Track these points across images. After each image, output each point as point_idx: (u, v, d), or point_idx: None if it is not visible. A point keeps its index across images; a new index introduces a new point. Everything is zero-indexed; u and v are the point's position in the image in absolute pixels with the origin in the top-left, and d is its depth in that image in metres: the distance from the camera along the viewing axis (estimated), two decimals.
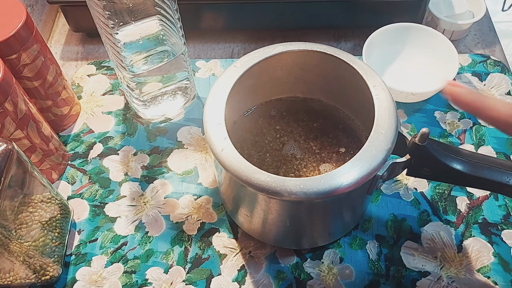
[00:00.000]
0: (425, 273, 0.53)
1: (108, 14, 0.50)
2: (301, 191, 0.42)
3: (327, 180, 0.42)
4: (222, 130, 0.45)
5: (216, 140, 0.45)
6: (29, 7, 0.72)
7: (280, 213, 0.47)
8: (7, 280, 0.51)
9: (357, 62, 0.49)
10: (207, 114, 0.47)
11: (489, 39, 0.73)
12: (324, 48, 0.51)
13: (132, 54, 0.57)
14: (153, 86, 0.61)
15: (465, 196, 0.57)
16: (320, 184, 0.42)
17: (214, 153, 0.45)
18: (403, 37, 0.66)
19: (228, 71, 0.50)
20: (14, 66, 0.54)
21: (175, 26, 0.56)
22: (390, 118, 0.45)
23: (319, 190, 0.42)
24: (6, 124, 0.50)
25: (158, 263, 0.54)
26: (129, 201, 0.59)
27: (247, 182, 0.43)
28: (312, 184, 0.42)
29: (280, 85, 0.56)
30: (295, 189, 0.42)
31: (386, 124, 0.45)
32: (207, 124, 0.46)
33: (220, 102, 0.47)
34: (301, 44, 0.51)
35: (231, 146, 0.44)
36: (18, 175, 0.47)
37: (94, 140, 0.64)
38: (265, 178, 0.42)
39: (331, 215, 0.51)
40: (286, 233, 0.52)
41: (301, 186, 0.42)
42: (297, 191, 0.42)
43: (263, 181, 0.42)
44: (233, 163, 0.43)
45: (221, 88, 0.48)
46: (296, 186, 0.42)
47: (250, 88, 0.53)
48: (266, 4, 0.69)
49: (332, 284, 0.52)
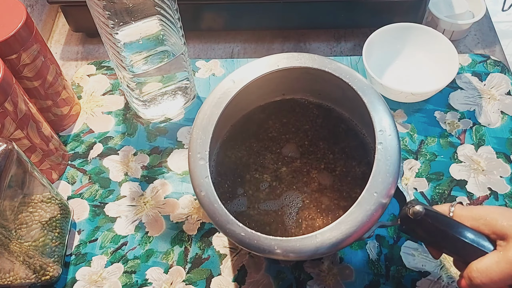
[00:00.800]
0: (425, 273, 0.53)
1: (108, 14, 0.50)
2: (276, 251, 0.40)
3: (306, 242, 0.40)
4: (204, 167, 0.43)
5: (197, 178, 0.43)
6: (29, 7, 0.72)
7: None
8: (7, 280, 0.51)
9: (364, 90, 0.45)
10: (192, 148, 0.44)
11: (489, 39, 0.73)
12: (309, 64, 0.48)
13: (132, 54, 0.57)
14: (153, 86, 0.61)
15: (465, 196, 0.57)
16: (298, 246, 0.40)
17: (196, 193, 0.43)
18: (403, 37, 0.66)
19: (210, 100, 0.47)
20: (14, 66, 0.54)
21: (175, 26, 0.56)
22: (388, 175, 0.41)
23: (297, 250, 0.40)
24: (6, 124, 0.50)
25: (158, 263, 0.54)
26: (129, 201, 0.59)
27: (223, 231, 0.41)
28: (288, 245, 0.40)
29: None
30: (269, 249, 0.40)
31: (381, 184, 0.40)
32: (191, 160, 0.44)
33: (206, 136, 0.45)
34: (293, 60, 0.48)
35: (211, 189, 0.42)
36: (18, 175, 0.47)
37: (94, 140, 0.64)
38: (240, 231, 0.40)
39: None
40: None
41: (276, 246, 0.40)
42: (271, 250, 0.40)
43: (238, 235, 0.40)
44: (210, 208, 0.42)
45: (205, 121, 0.46)
46: (271, 246, 0.40)
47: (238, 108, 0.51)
48: (266, 4, 0.69)
49: (332, 284, 0.52)
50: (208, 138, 0.45)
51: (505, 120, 0.63)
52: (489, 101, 0.65)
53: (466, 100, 0.65)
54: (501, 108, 0.64)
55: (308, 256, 0.40)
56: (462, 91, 0.66)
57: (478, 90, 0.66)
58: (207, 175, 0.43)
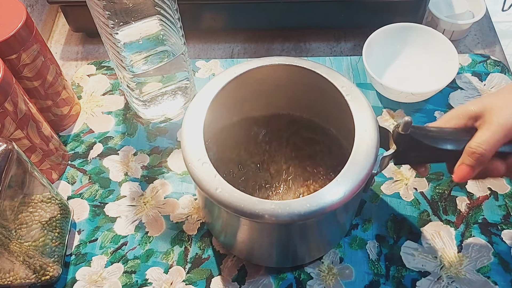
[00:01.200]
0: (425, 273, 0.53)
1: (108, 14, 0.50)
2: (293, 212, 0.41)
3: (330, 192, 0.41)
4: (208, 168, 0.43)
5: (205, 180, 0.43)
6: (29, 7, 0.72)
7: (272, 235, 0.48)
8: (7, 280, 0.51)
9: (319, 67, 0.49)
10: (186, 146, 0.45)
11: (489, 39, 0.73)
12: (283, 60, 0.50)
13: (132, 54, 0.57)
14: (153, 86, 0.61)
15: (465, 196, 0.57)
16: (327, 198, 0.41)
17: (209, 194, 0.43)
18: (403, 37, 0.66)
19: (199, 97, 0.48)
20: (14, 66, 0.54)
21: (175, 26, 0.56)
22: (367, 115, 0.45)
23: (326, 204, 0.41)
24: (6, 124, 0.50)
25: (158, 263, 0.54)
26: (129, 201, 0.59)
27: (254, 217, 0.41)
28: (318, 201, 0.41)
29: (261, 101, 0.55)
30: (302, 210, 0.41)
31: (366, 121, 0.45)
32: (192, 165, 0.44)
33: (198, 139, 0.45)
34: (266, 60, 0.50)
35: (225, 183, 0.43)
36: (18, 175, 0.47)
37: (94, 140, 0.64)
38: (270, 206, 0.41)
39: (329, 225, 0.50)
40: (279, 253, 0.52)
41: (307, 205, 0.41)
42: (304, 211, 0.41)
43: (262, 208, 0.41)
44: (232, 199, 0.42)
45: (193, 118, 0.46)
46: (303, 206, 0.41)
47: (226, 105, 0.51)
48: (266, 4, 0.69)
49: (332, 284, 0.52)
50: (201, 143, 0.45)
51: None
52: None
53: (466, 100, 0.65)
54: None
55: (337, 204, 0.41)
56: (462, 91, 0.66)
57: (478, 90, 0.66)
58: (215, 174, 0.43)
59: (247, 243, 0.50)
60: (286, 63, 0.49)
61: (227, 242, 0.53)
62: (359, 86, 0.67)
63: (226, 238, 0.53)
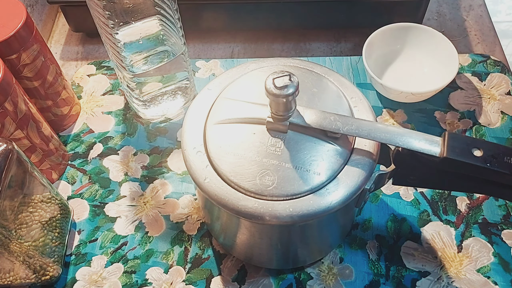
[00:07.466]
0: (425, 273, 0.53)
1: (108, 14, 0.51)
2: (289, 214, 0.41)
3: (315, 201, 0.41)
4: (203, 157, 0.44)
5: (197, 170, 0.43)
6: (29, 7, 0.72)
7: (269, 237, 0.47)
8: (7, 280, 0.51)
9: (332, 74, 0.48)
10: (185, 142, 0.45)
11: (489, 39, 0.73)
12: (297, 63, 0.49)
13: (132, 54, 0.57)
14: (153, 86, 0.61)
15: (465, 196, 0.57)
16: (310, 205, 0.41)
17: (196, 181, 0.43)
18: (403, 37, 0.66)
19: (201, 95, 0.48)
20: (14, 66, 0.54)
21: (175, 26, 0.56)
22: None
23: (309, 211, 0.41)
24: (6, 124, 0.50)
25: (158, 263, 0.54)
26: (129, 201, 0.59)
27: (236, 211, 0.41)
28: (301, 206, 0.41)
29: None
30: (284, 213, 0.41)
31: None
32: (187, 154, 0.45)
33: (198, 130, 0.45)
34: (273, 60, 0.50)
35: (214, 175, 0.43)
36: (18, 175, 0.47)
37: (94, 140, 0.64)
38: (252, 204, 0.41)
39: (315, 235, 0.50)
40: (276, 255, 0.52)
41: (290, 209, 0.41)
42: (286, 214, 0.41)
43: (251, 207, 0.41)
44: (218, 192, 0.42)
45: (196, 114, 0.46)
46: (285, 210, 0.41)
47: None
48: (266, 4, 0.69)
49: (332, 284, 0.52)
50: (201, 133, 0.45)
51: (505, 120, 0.63)
52: (489, 101, 0.65)
53: (466, 100, 0.65)
54: (501, 108, 0.64)
55: (322, 215, 0.41)
56: (462, 91, 0.66)
57: (478, 90, 0.66)
58: (207, 164, 0.43)
59: (246, 244, 0.50)
60: (292, 65, 0.49)
61: (227, 243, 0.53)
62: (359, 86, 0.67)
63: (225, 240, 0.53)
